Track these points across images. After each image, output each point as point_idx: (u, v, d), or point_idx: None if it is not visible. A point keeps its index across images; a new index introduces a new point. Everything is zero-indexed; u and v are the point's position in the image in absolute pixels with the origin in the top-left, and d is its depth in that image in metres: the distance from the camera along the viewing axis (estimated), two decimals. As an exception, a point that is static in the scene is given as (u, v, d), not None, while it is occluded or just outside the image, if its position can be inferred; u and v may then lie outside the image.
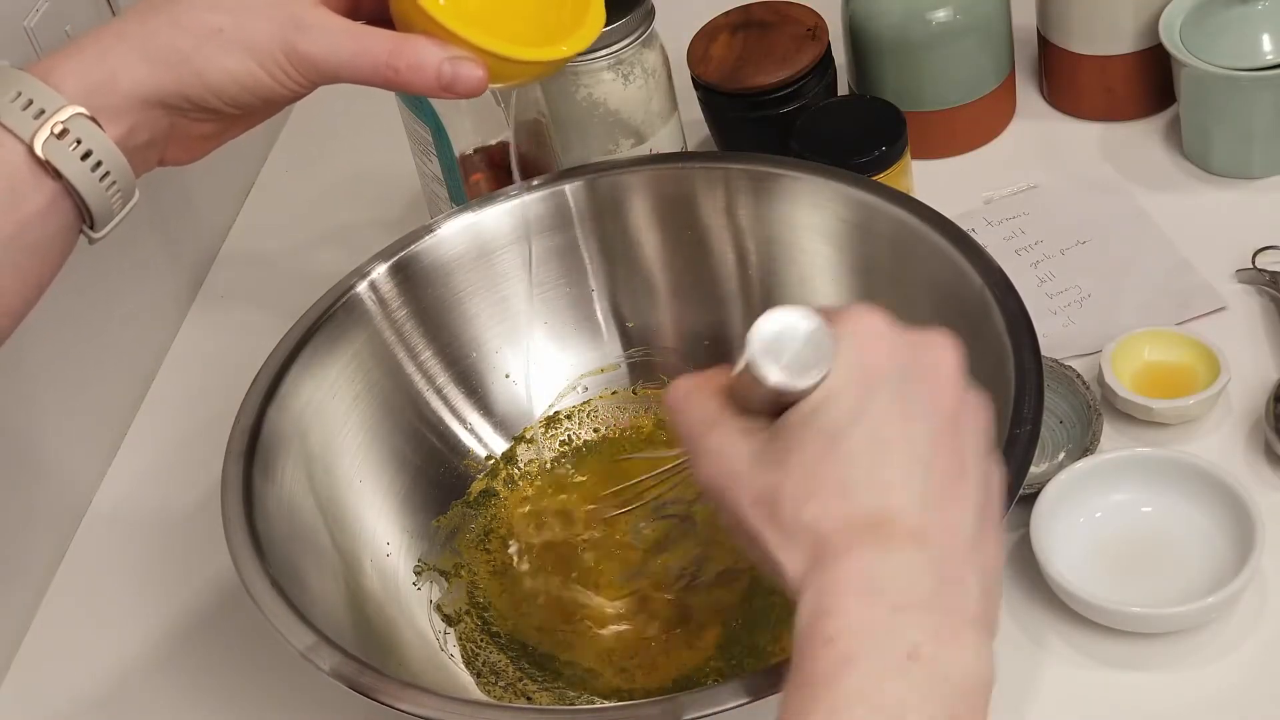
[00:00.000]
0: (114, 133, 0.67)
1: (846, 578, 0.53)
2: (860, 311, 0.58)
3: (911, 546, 0.54)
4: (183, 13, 0.69)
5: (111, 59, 0.68)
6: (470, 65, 0.70)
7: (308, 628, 0.71)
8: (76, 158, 0.66)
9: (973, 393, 0.59)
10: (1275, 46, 0.97)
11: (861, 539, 0.54)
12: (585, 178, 0.92)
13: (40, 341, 0.93)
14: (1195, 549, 0.81)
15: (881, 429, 0.56)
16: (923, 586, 0.54)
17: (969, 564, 0.55)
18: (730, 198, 0.91)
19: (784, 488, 0.56)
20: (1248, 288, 0.96)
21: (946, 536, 0.55)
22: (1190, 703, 0.78)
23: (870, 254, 0.88)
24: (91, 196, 0.67)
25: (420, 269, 0.90)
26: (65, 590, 0.95)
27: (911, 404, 0.56)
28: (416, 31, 0.71)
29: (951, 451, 0.57)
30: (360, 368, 0.87)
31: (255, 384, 0.83)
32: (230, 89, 0.69)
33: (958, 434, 0.57)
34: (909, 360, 0.58)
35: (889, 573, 0.54)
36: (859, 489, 0.55)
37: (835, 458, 0.55)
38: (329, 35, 0.69)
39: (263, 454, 0.80)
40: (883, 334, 0.58)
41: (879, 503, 0.55)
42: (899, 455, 0.56)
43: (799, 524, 0.55)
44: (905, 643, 0.52)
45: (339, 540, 0.83)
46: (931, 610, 0.53)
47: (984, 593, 0.55)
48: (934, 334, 0.59)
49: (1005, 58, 1.08)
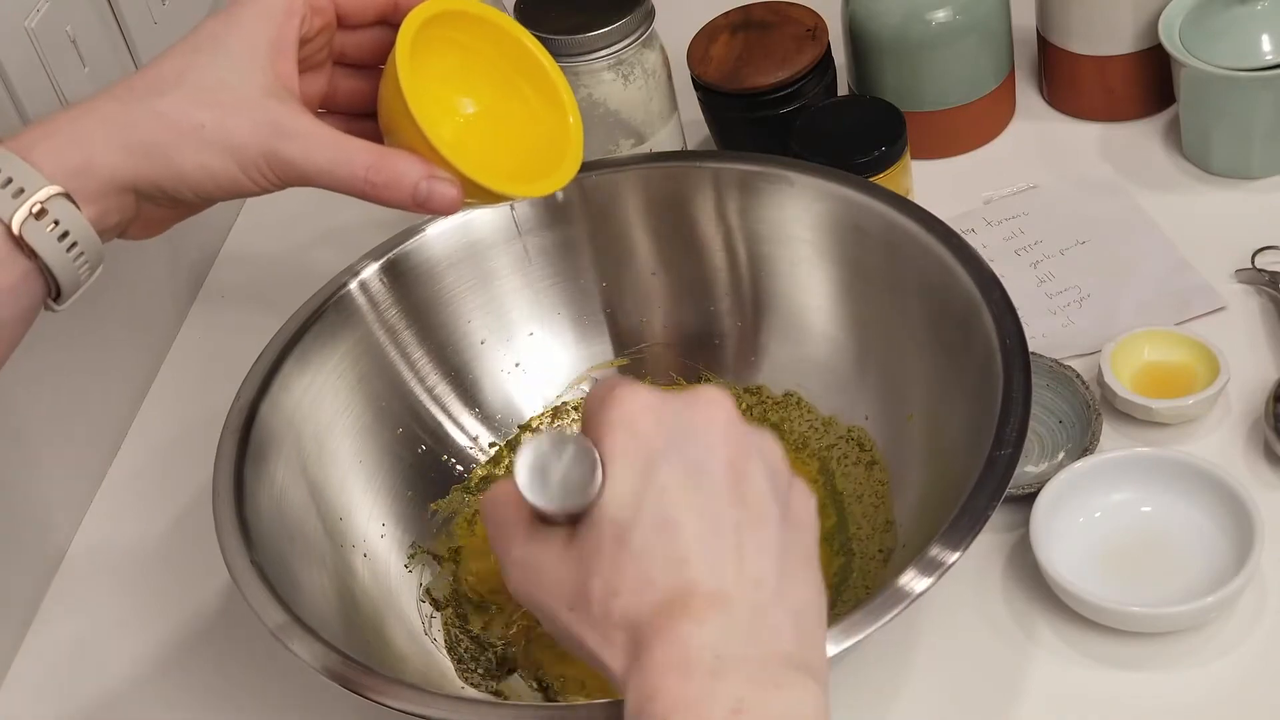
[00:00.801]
0: (88, 214, 0.68)
1: (664, 659, 0.55)
2: (622, 395, 0.59)
3: (716, 612, 0.56)
4: (167, 105, 0.69)
5: (91, 144, 0.68)
6: (447, 186, 0.70)
7: (280, 606, 0.72)
8: (54, 238, 0.67)
9: (753, 435, 0.60)
10: (1275, 47, 0.97)
11: (669, 619, 0.55)
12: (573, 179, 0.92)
13: (40, 341, 0.93)
14: (1195, 549, 0.81)
15: (666, 508, 0.57)
16: (734, 645, 0.55)
17: (777, 609, 0.57)
18: (720, 196, 0.91)
19: (590, 590, 0.57)
20: (1247, 288, 0.96)
21: (750, 591, 0.57)
22: (1190, 702, 0.78)
23: (860, 253, 0.88)
24: (63, 274, 0.68)
25: (410, 268, 0.91)
26: (66, 587, 0.96)
27: (690, 471, 0.58)
28: (400, 142, 0.71)
29: (739, 503, 0.58)
30: (352, 366, 0.88)
31: (247, 381, 0.83)
32: (206, 184, 0.70)
33: (744, 483, 0.58)
34: (677, 426, 0.58)
35: (700, 643, 0.55)
36: (656, 574, 0.56)
37: (629, 552, 0.57)
38: (310, 143, 0.70)
39: (255, 450, 0.81)
40: (645, 411, 0.58)
41: (677, 580, 0.56)
42: (688, 528, 0.57)
43: (610, 622, 0.57)
44: (728, 701, 0.54)
45: (330, 531, 0.84)
46: (747, 663, 0.55)
47: (799, 633, 0.57)
48: (700, 392, 0.60)
49: (1005, 58, 1.08)
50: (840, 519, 0.86)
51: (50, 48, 0.92)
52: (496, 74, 0.77)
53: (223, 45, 0.70)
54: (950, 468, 0.77)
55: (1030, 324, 0.95)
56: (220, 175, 0.70)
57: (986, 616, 0.82)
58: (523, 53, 0.76)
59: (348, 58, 0.76)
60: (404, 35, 0.71)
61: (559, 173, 0.75)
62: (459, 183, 0.71)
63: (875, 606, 0.69)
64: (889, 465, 0.86)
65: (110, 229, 0.70)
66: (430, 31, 0.72)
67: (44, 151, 0.67)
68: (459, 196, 0.71)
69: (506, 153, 0.76)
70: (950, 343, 0.82)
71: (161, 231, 0.74)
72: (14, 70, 0.89)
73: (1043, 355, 0.91)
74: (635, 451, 0.58)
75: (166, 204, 0.71)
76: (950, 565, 0.69)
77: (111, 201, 0.69)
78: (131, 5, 1.01)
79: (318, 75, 0.75)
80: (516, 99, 0.77)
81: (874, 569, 0.82)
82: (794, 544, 0.59)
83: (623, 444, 0.58)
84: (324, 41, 0.74)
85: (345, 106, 0.77)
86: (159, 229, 0.74)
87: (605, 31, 0.98)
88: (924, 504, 0.80)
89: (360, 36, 0.76)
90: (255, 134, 0.69)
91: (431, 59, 0.73)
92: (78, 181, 0.67)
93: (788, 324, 0.92)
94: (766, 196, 0.90)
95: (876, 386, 0.88)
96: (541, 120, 0.77)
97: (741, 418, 0.60)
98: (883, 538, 0.83)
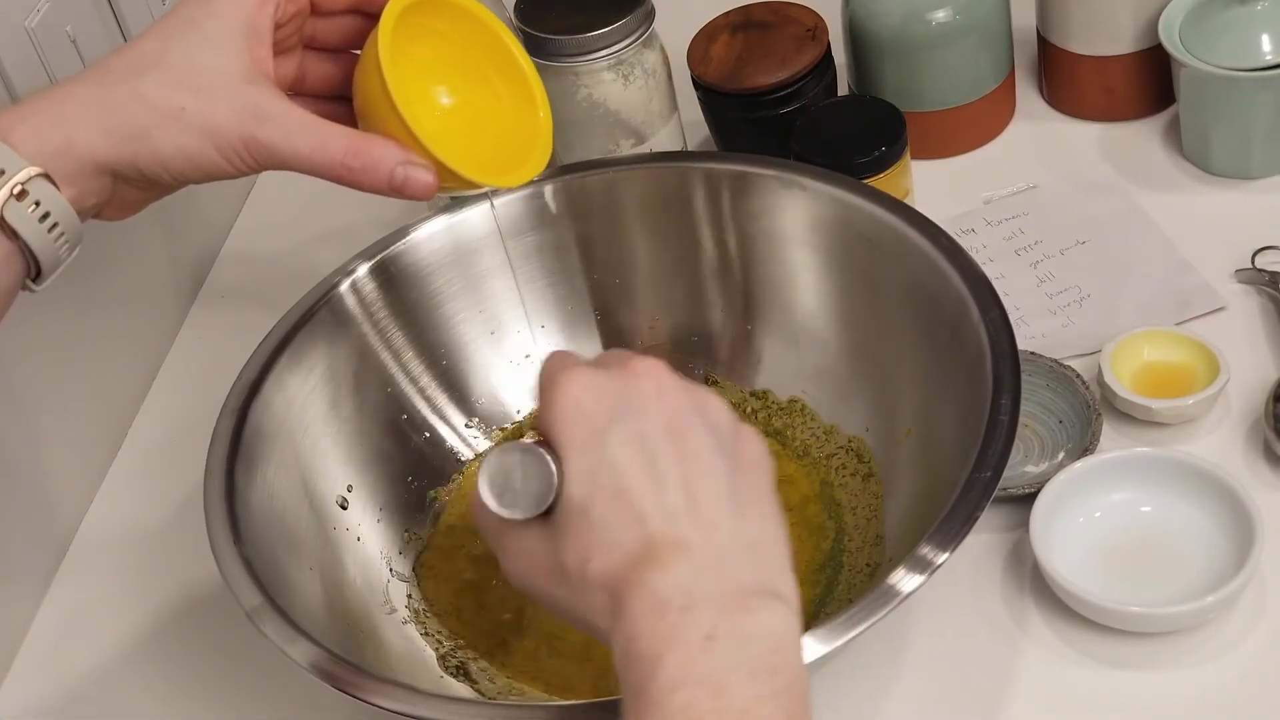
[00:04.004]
0: (67, 195, 0.69)
1: (639, 607, 0.58)
2: (565, 380, 0.63)
3: (679, 558, 0.59)
4: (147, 88, 0.70)
5: (70, 125, 0.69)
6: (423, 172, 0.72)
7: (255, 586, 0.74)
8: (35, 219, 0.68)
9: (689, 395, 0.64)
10: (1274, 47, 0.97)
11: (639, 572, 0.59)
12: (562, 179, 0.92)
13: (40, 341, 0.93)
14: (1194, 548, 0.81)
15: (618, 477, 0.61)
16: (700, 584, 0.58)
17: (735, 546, 0.60)
18: (711, 196, 0.92)
19: (568, 561, 0.61)
20: (1247, 288, 0.96)
21: (706, 534, 0.60)
22: (1190, 702, 0.78)
23: (851, 253, 0.88)
24: (44, 255, 0.69)
25: (400, 269, 0.91)
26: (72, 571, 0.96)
27: (633, 439, 0.61)
28: (377, 127, 0.72)
29: (683, 459, 0.61)
30: (345, 365, 0.88)
31: (239, 380, 0.84)
32: (183, 167, 0.71)
33: (685, 440, 0.62)
34: (616, 401, 0.62)
35: (668, 587, 0.58)
36: (619, 536, 0.60)
37: (592, 523, 0.61)
38: (289, 127, 0.71)
39: (246, 448, 0.81)
40: (584, 392, 0.62)
41: (639, 537, 0.60)
42: (640, 489, 0.60)
43: (589, 585, 0.61)
44: (701, 629, 0.57)
45: (320, 525, 0.84)
46: (714, 599, 0.58)
47: (759, 563, 0.61)
48: (631, 363, 0.64)
49: (1005, 58, 1.08)
50: (837, 534, 0.85)
51: (50, 47, 0.92)
52: (469, 64, 0.77)
53: (199, 28, 0.71)
54: (939, 472, 0.77)
55: (1030, 324, 0.96)
56: (198, 158, 0.71)
57: (986, 616, 0.82)
58: (497, 44, 0.77)
59: (318, 42, 0.77)
60: (385, 23, 0.71)
61: (528, 165, 0.77)
62: (435, 169, 0.72)
63: (865, 606, 0.68)
64: (884, 478, 0.86)
65: (87, 210, 0.71)
66: (408, 19, 0.73)
67: (24, 133, 0.68)
68: (435, 183, 0.72)
69: (478, 142, 0.77)
70: (941, 343, 0.82)
71: (135, 212, 0.75)
72: (14, 70, 0.89)
73: (1043, 355, 0.91)
74: (584, 434, 0.62)
75: (142, 185, 0.72)
76: (939, 565, 0.69)
77: (90, 183, 0.70)
78: (131, 5, 1.01)
79: (289, 59, 0.76)
80: (487, 90, 0.78)
81: (859, 582, 0.82)
82: (745, 486, 0.62)
83: (571, 430, 0.62)
84: (296, 26, 0.75)
85: (315, 90, 0.78)
86: (133, 210, 0.75)
87: (605, 31, 0.98)
88: (912, 516, 0.80)
89: (332, 22, 0.77)
90: (235, 118, 0.70)
91: (409, 46, 0.73)
92: (57, 163, 0.68)
93: (785, 327, 0.92)
94: (758, 196, 0.90)
95: (874, 391, 0.88)
96: (511, 112, 0.78)
97: (677, 380, 0.64)
98: (872, 551, 0.83)
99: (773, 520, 0.63)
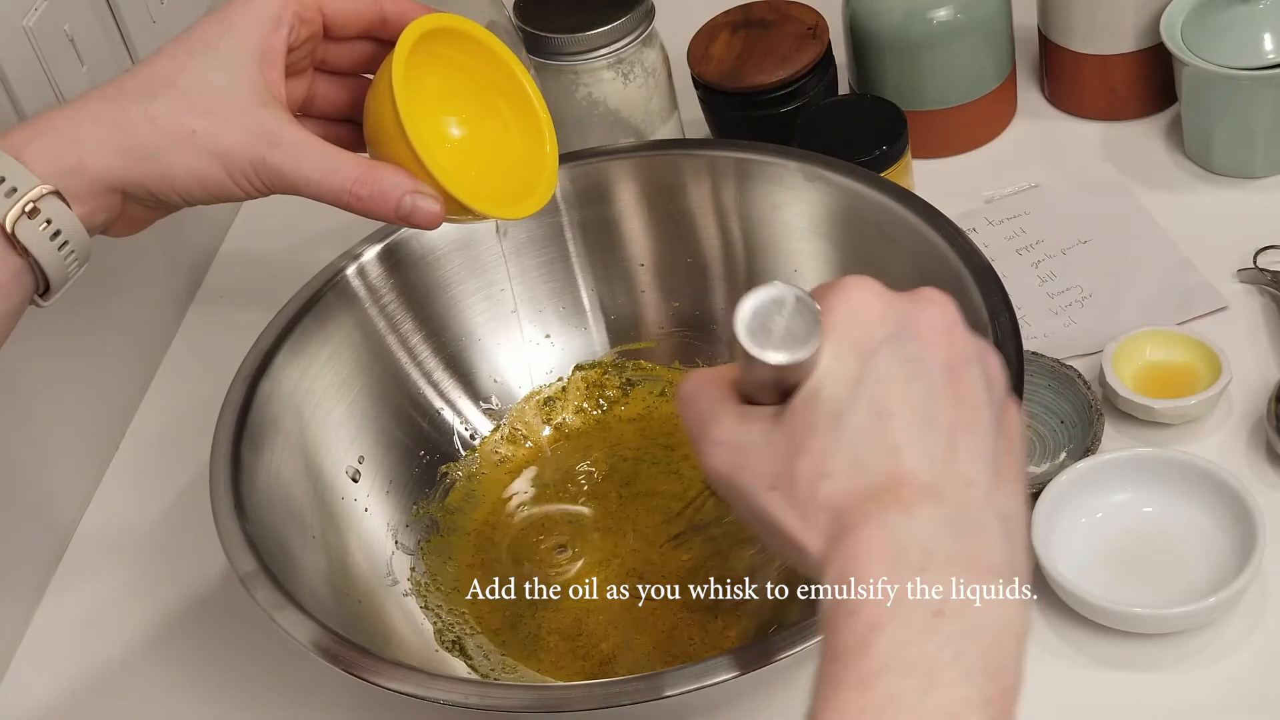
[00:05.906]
0: (77, 213, 0.69)
1: (867, 547, 0.53)
2: (847, 282, 0.58)
3: (928, 505, 0.54)
4: (160, 110, 0.70)
5: (83, 144, 0.69)
6: (430, 201, 0.72)
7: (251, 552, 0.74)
8: (45, 237, 0.68)
9: (975, 341, 0.59)
10: (1276, 46, 0.97)
11: (878, 506, 0.54)
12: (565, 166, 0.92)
13: (38, 341, 0.93)
14: (1196, 549, 0.81)
15: (883, 396, 0.55)
16: (943, 543, 0.53)
17: (987, 513, 0.55)
18: (714, 184, 0.92)
19: (796, 471, 0.56)
20: (1249, 287, 0.96)
21: (961, 489, 0.55)
22: (1191, 703, 0.77)
23: (854, 239, 0.88)
24: (53, 272, 0.69)
25: (407, 254, 0.91)
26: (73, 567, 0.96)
27: (910, 364, 0.56)
28: (386, 154, 0.72)
29: (957, 404, 0.56)
30: (350, 350, 0.89)
31: (245, 363, 0.85)
32: (192, 189, 0.71)
33: (961, 385, 0.57)
34: (901, 320, 0.57)
35: (907, 535, 0.53)
36: (868, 459, 0.55)
37: (841, 434, 0.55)
38: (299, 153, 0.71)
39: (252, 431, 0.82)
40: (871, 300, 0.57)
41: (890, 468, 0.55)
42: (903, 418, 0.55)
43: (815, 504, 0.55)
44: (930, 601, 0.52)
45: (326, 508, 0.85)
46: (954, 565, 0.53)
47: (1006, 540, 0.55)
48: (925, 291, 0.59)
49: (1006, 57, 1.08)
50: None
51: (48, 47, 0.92)
52: (480, 93, 0.78)
53: (214, 50, 0.71)
54: None
55: (1032, 324, 0.96)
56: (208, 180, 0.71)
57: (987, 617, 0.82)
58: (508, 76, 0.77)
59: (329, 65, 0.77)
60: (399, 52, 0.72)
61: (534, 197, 0.77)
62: (441, 199, 0.72)
63: None
64: None
65: (96, 227, 0.71)
66: (421, 46, 0.73)
67: (36, 150, 0.68)
68: (441, 213, 0.72)
69: (485, 172, 0.77)
70: None
71: (142, 229, 0.75)
72: (12, 69, 0.89)
73: (1044, 355, 0.91)
74: (858, 336, 0.56)
75: (150, 204, 0.73)
76: None
77: (100, 201, 0.70)
78: (130, 4, 1.01)
79: (299, 81, 0.76)
80: (496, 120, 0.79)
81: None
82: (1005, 454, 0.58)
83: (846, 325, 0.56)
84: (308, 50, 0.75)
85: (322, 112, 0.78)
86: (140, 227, 0.75)
87: (605, 30, 0.98)
88: None
89: (344, 47, 0.77)
90: (246, 142, 0.70)
91: (421, 74, 0.74)
92: (69, 181, 0.68)
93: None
94: (759, 184, 0.90)
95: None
96: (519, 143, 0.78)
97: (965, 324, 0.59)
98: None
99: (1023, 503, 0.58)
